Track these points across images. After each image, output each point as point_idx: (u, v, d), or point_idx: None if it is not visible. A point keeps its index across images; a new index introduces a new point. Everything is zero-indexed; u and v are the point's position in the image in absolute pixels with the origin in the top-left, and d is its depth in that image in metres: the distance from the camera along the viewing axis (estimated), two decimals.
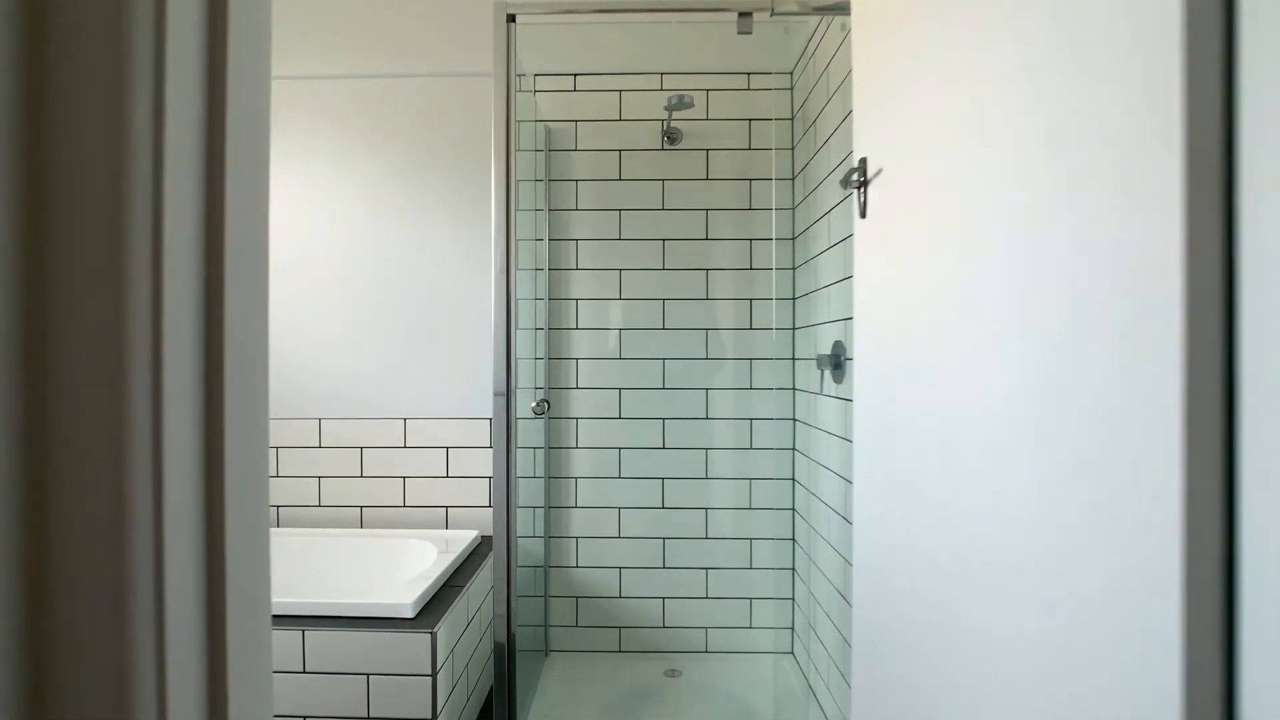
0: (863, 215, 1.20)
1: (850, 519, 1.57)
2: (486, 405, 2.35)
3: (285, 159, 2.39)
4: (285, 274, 2.39)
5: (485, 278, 2.33)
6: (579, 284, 2.37)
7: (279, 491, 2.39)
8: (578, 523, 2.37)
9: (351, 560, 2.22)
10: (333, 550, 2.23)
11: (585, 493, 2.37)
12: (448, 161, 2.36)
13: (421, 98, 2.36)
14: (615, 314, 2.36)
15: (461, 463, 2.36)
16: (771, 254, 2.33)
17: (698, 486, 2.35)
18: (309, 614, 1.67)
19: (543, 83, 2.38)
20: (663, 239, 2.35)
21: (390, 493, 2.37)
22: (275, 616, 1.65)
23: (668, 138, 2.35)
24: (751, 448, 2.34)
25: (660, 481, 2.35)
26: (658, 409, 2.35)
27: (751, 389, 2.34)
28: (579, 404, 2.37)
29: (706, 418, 2.34)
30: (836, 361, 1.74)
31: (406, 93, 2.36)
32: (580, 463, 2.37)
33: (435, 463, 2.36)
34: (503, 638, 1.73)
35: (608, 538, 2.37)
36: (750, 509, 2.34)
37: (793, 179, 2.33)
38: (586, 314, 2.37)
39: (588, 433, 2.37)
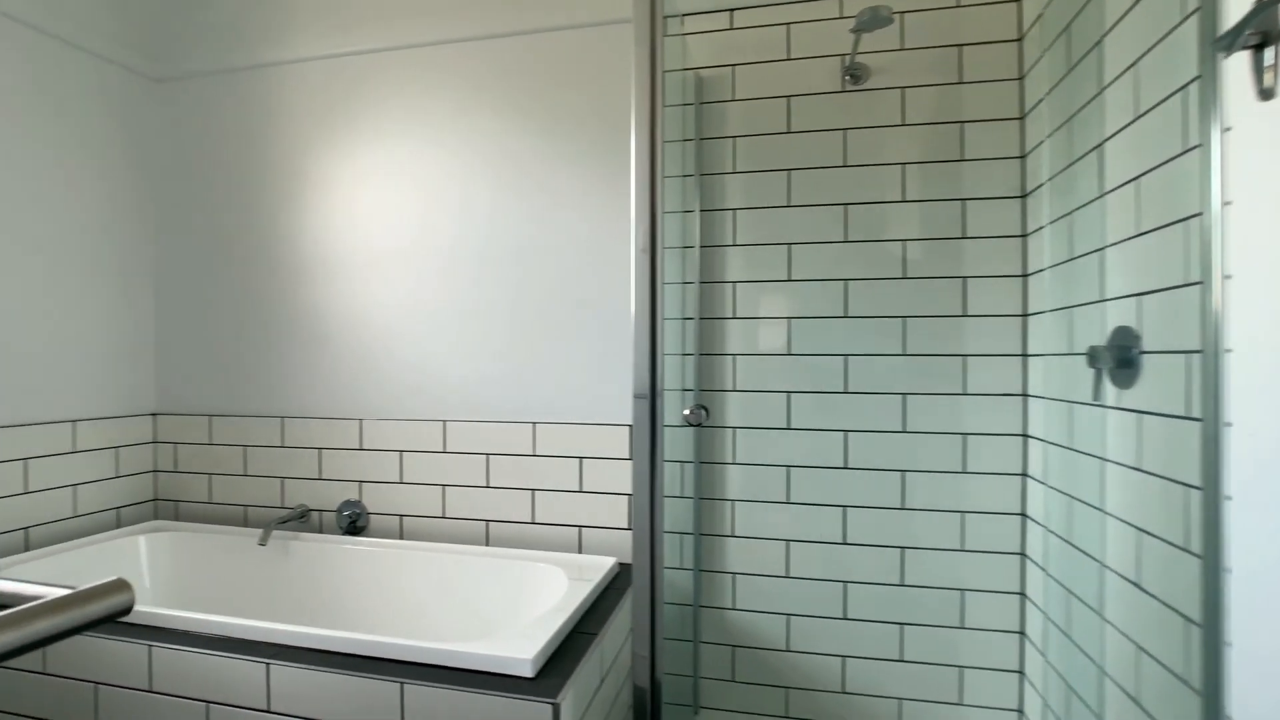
0: (1267, 96, 0.68)
1: (1145, 586, 1.02)
2: (625, 409, 1.98)
3: (391, 139, 2.14)
4: (402, 266, 2.15)
5: (624, 260, 1.96)
6: (737, 264, 1.94)
7: (404, 499, 2.15)
8: (735, 555, 1.94)
9: (474, 584, 1.92)
10: (455, 570, 1.95)
11: (744, 519, 1.93)
12: (581, 128, 2.01)
13: (548, 57, 2.03)
14: (782, 299, 1.91)
15: (597, 476, 2.01)
16: (995, 217, 1.78)
17: (890, 519, 1.84)
18: (410, 660, 1.36)
19: (692, 23, 1.97)
20: (844, 204, 1.86)
21: (518, 506, 2.06)
22: (371, 660, 1.36)
23: (850, 76, 1.86)
24: (964, 471, 1.80)
25: (841, 510, 1.87)
26: (838, 418, 1.86)
27: (965, 394, 1.79)
28: (736, 410, 1.93)
29: (903, 431, 1.83)
30: (1123, 357, 1.18)
31: (530, 53, 2.04)
32: (737, 482, 1.94)
33: (567, 474, 2.03)
34: (644, 683, 1.42)
35: (772, 576, 1.92)
36: (962, 551, 1.80)
37: (1022, 118, 1.76)
38: (746, 300, 1.93)
39: (748, 446, 1.93)
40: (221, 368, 2.33)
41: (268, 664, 1.36)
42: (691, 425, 1.87)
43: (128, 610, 0.57)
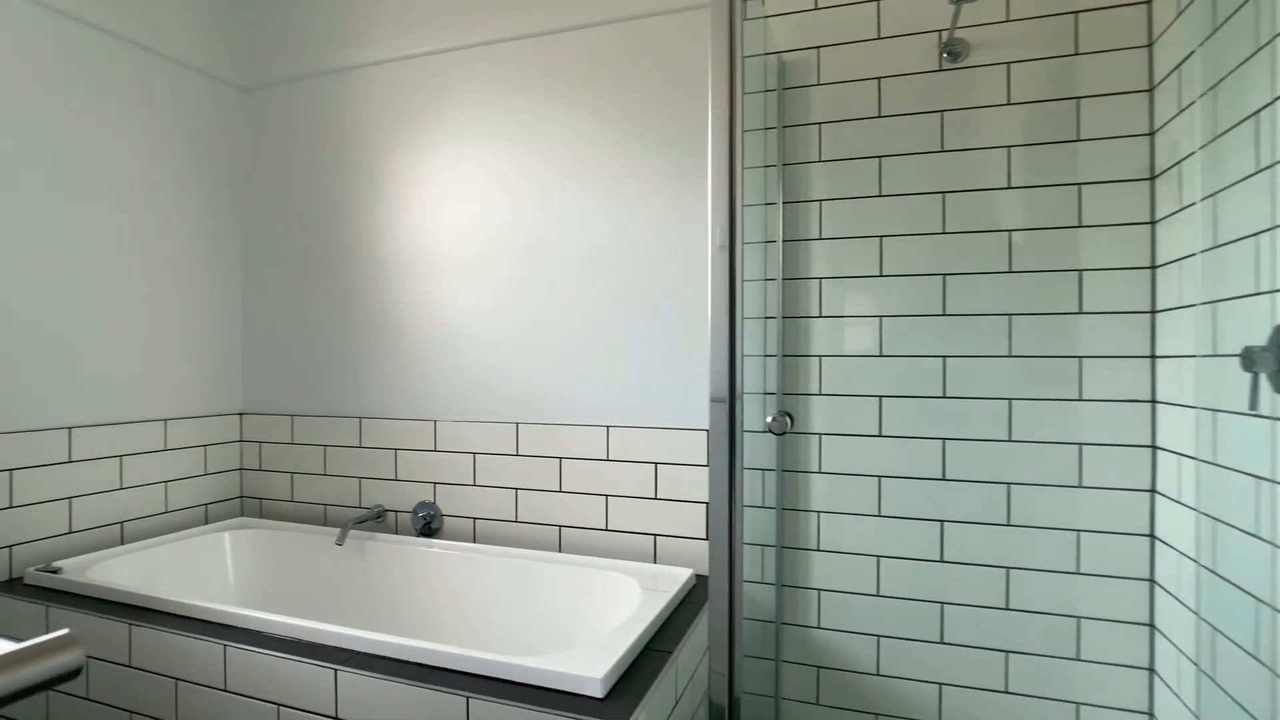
0: None
1: None
2: (703, 414, 1.88)
3: (464, 138, 2.11)
4: (475, 267, 2.12)
5: (702, 257, 1.87)
6: (822, 259, 1.81)
7: (476, 502, 2.12)
8: (820, 570, 1.81)
9: (545, 592, 1.87)
10: (526, 577, 1.90)
11: (830, 532, 1.80)
12: (658, 121, 1.93)
13: (624, 47, 1.96)
14: (873, 297, 1.77)
15: (673, 482, 1.92)
16: (1118, 202, 1.59)
17: (994, 536, 1.67)
18: (477, 672, 1.31)
19: (774, 4, 1.85)
20: (942, 192, 1.71)
21: (591, 512, 2.00)
22: (438, 670, 1.31)
23: (948, 53, 1.71)
24: (1081, 485, 1.61)
25: (937, 525, 1.72)
26: (935, 425, 1.71)
27: (1081, 400, 1.61)
28: (822, 415, 1.81)
29: (1008, 440, 1.66)
30: None
31: (605, 44, 1.97)
32: (823, 492, 1.81)
33: (642, 481, 1.95)
34: (722, 700, 1.35)
35: (861, 594, 1.78)
36: (1077, 574, 1.62)
37: (1151, 90, 1.57)
38: (833, 297, 1.80)
39: (834, 453, 1.80)
40: (303, 368, 2.36)
41: (336, 670, 1.33)
42: (774, 434, 1.75)
43: (76, 673, 0.46)
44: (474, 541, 2.13)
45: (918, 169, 1.73)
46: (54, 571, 1.76)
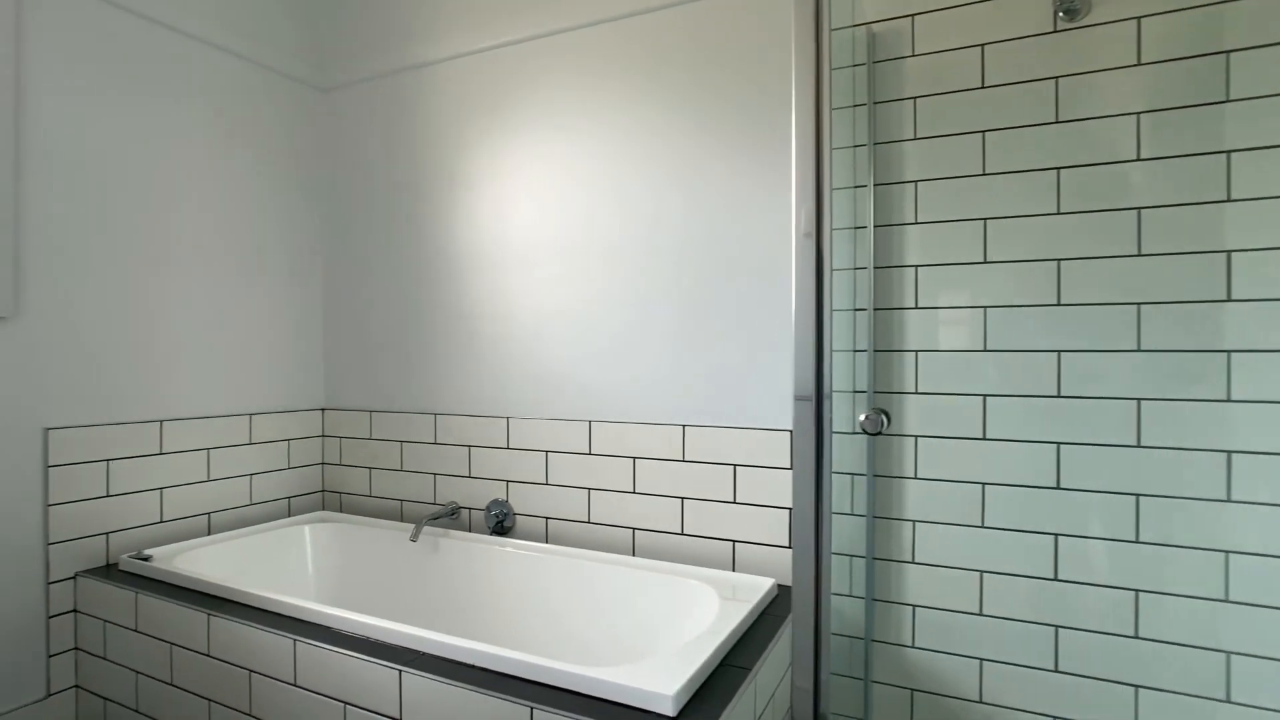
0: None
1: None
2: (786, 413, 1.76)
3: (540, 131, 2.06)
4: (547, 262, 2.07)
5: (785, 245, 1.75)
6: (919, 245, 1.66)
7: (548, 501, 2.07)
8: (915, 584, 1.66)
9: (617, 597, 1.79)
10: (598, 581, 1.83)
11: (927, 543, 1.65)
12: (738, 103, 1.83)
13: (702, 27, 1.86)
14: (976, 285, 1.61)
15: (754, 486, 1.81)
16: (1274, 172, 1.38)
17: (1120, 553, 1.48)
18: (542, 681, 1.24)
19: None
20: (1056, 168, 1.53)
21: (666, 515, 1.91)
22: (502, 677, 1.25)
23: (1064, 11, 1.53)
24: (1229, 500, 1.40)
25: (1051, 539, 1.54)
26: (1048, 428, 1.53)
27: (1229, 401, 1.40)
28: (918, 416, 1.66)
29: (1137, 445, 1.47)
30: None
31: (683, 24, 1.88)
32: (919, 500, 1.66)
33: (720, 483, 1.84)
34: (807, 718, 1.23)
35: (962, 612, 1.62)
36: (1225, 602, 1.41)
37: None
38: (931, 287, 1.65)
39: (932, 458, 1.64)
40: (380, 364, 2.38)
41: (400, 671, 1.29)
42: (868, 434, 1.61)
43: None
44: (546, 542, 2.08)
45: (1028, 143, 1.56)
46: (145, 559, 1.82)
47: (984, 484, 1.59)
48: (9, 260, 1.67)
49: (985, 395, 1.59)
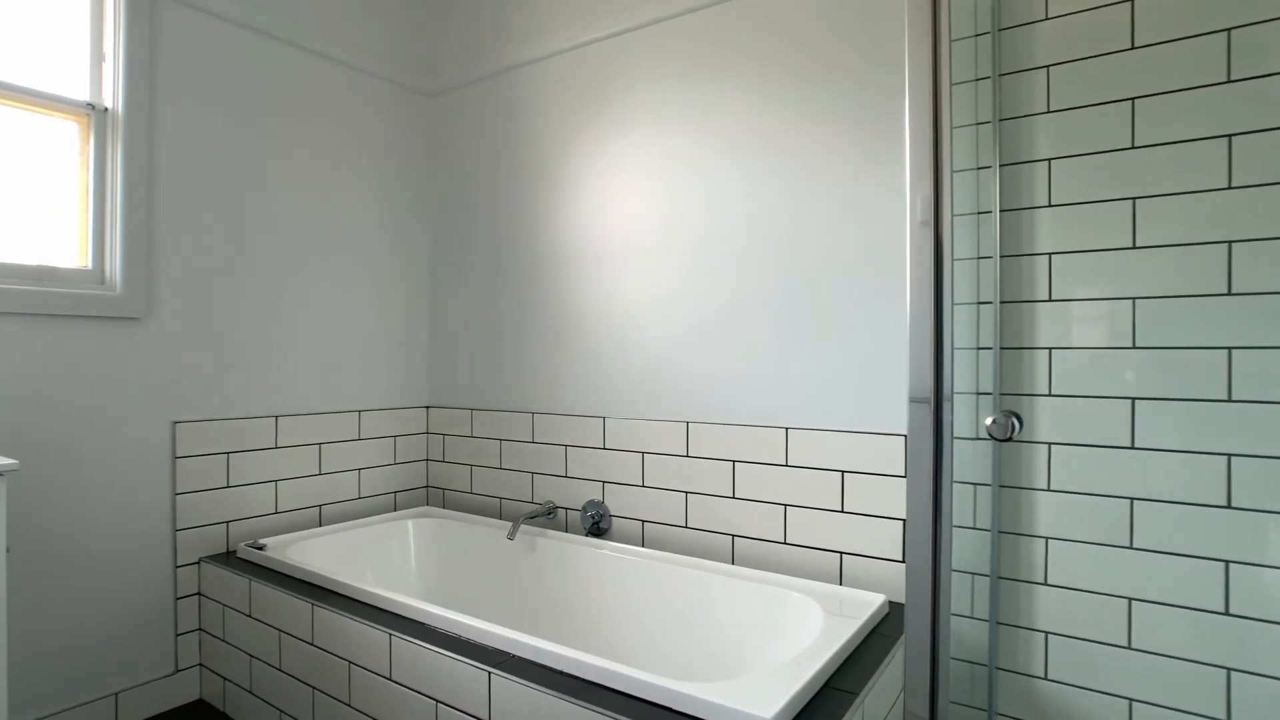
0: None
1: None
2: (900, 416, 1.62)
3: (636, 124, 2.01)
4: (645, 259, 2.01)
5: (899, 234, 1.62)
6: (1052, 230, 1.49)
7: (645, 504, 2.01)
8: (1048, 608, 1.48)
9: (715, 607, 1.71)
10: (695, 589, 1.75)
11: (1062, 563, 1.47)
12: (841, 84, 1.71)
13: (797, 5, 1.75)
14: (1121, 273, 1.42)
15: (863, 494, 1.68)
16: None
17: None
18: (633, 693, 1.18)
19: None
20: (1227, 134, 1.33)
21: (768, 523, 1.81)
22: (591, 685, 1.20)
23: None
24: None
25: (1221, 566, 1.33)
26: (1216, 437, 1.33)
27: None
28: (1051, 420, 1.48)
29: None
30: None
31: (776, 5, 1.78)
32: (1053, 514, 1.48)
33: (827, 490, 1.73)
34: None
35: (1106, 644, 1.43)
36: None
37: None
38: (1066, 276, 1.47)
39: (1069, 468, 1.46)
40: (481, 362, 2.40)
41: (489, 672, 1.27)
42: (996, 440, 1.45)
43: None
44: (642, 545, 2.02)
45: (1190, 108, 1.36)
46: (260, 548, 1.90)
47: (1132, 499, 1.40)
48: (143, 266, 1.79)
49: (1134, 399, 1.40)
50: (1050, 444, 1.48)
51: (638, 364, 2.04)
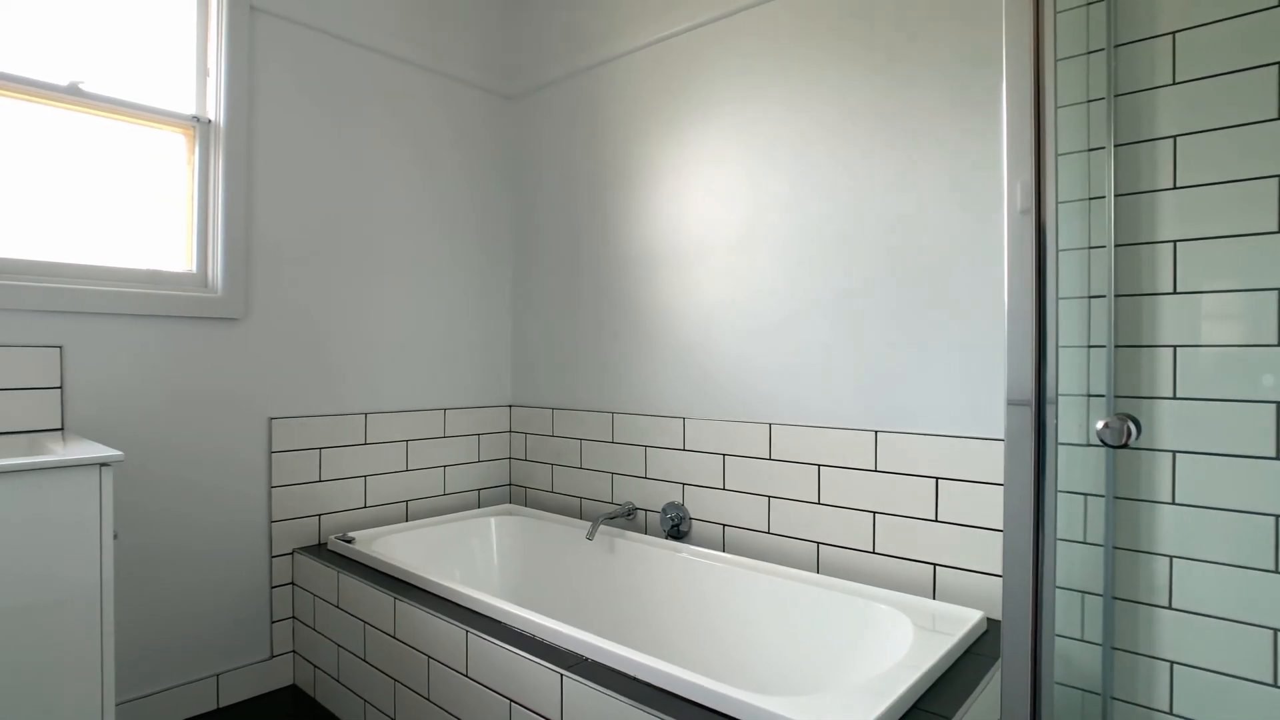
0: None
1: None
2: (997, 419, 1.51)
3: (717, 119, 1.95)
4: (726, 256, 1.96)
5: (998, 224, 1.50)
6: (1177, 215, 1.34)
7: (725, 508, 1.96)
8: (1173, 635, 1.34)
9: (798, 617, 1.64)
10: (777, 598, 1.69)
11: (1190, 585, 1.32)
12: (935, 67, 1.60)
13: None
14: (1264, 262, 1.26)
15: (959, 502, 1.57)
16: None
17: None
18: (708, 705, 1.14)
19: None
20: None
21: (855, 530, 1.72)
22: (664, 694, 1.16)
23: None
24: None
25: None
26: None
27: None
28: (1175, 426, 1.33)
29: None
30: None
31: None
32: (1177, 530, 1.33)
33: (919, 498, 1.62)
34: None
35: (1245, 679, 1.27)
36: None
37: None
38: (1194, 266, 1.32)
39: (1196, 478, 1.31)
40: (562, 361, 2.41)
41: (562, 675, 1.25)
42: (1109, 446, 1.31)
43: None
44: (723, 550, 1.97)
45: None
46: (348, 541, 1.96)
47: (1276, 516, 1.24)
48: (242, 269, 1.88)
49: (1278, 403, 1.24)
50: (1174, 452, 1.33)
51: (719, 363, 1.99)
